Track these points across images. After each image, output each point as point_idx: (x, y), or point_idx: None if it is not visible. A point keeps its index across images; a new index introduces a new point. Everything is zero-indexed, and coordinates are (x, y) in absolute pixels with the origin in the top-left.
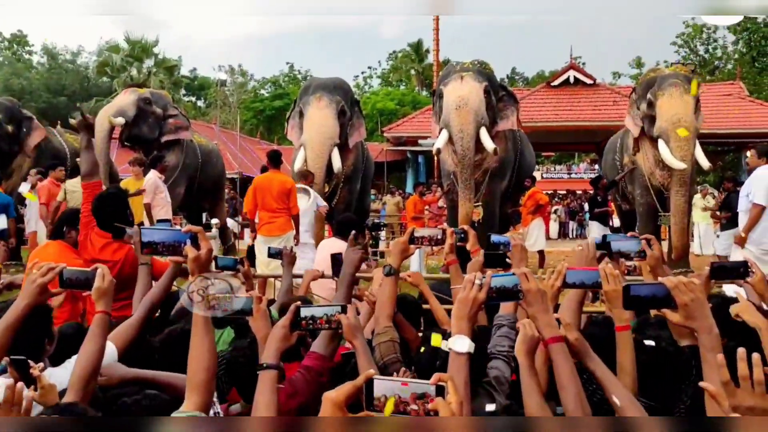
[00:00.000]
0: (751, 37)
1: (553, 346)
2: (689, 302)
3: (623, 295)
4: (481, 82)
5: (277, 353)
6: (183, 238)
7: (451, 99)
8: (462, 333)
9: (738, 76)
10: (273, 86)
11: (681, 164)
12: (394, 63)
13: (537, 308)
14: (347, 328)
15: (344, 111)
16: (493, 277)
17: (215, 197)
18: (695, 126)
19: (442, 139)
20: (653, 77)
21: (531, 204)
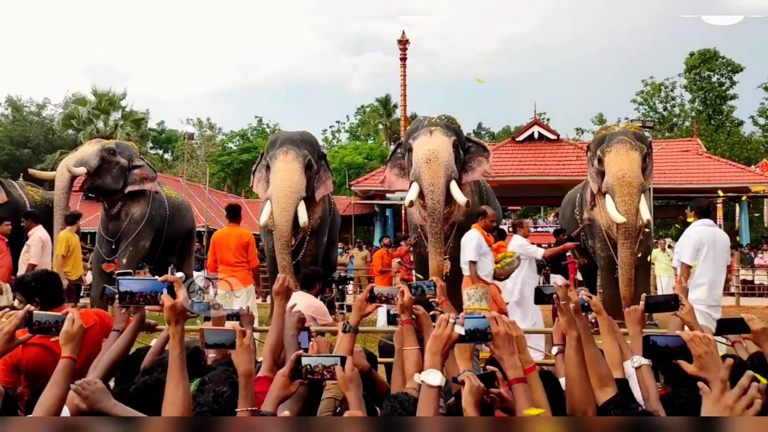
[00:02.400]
0: (707, 96)
1: (515, 386)
2: (703, 354)
3: (644, 345)
4: (450, 136)
5: (276, 402)
6: (160, 288)
7: (421, 153)
8: (435, 367)
9: (695, 133)
10: (241, 139)
11: (621, 218)
12: (363, 117)
13: (504, 351)
14: (341, 379)
15: (311, 165)
16: (467, 319)
17: (183, 251)
18: (640, 181)
19: (413, 192)
20: (604, 135)
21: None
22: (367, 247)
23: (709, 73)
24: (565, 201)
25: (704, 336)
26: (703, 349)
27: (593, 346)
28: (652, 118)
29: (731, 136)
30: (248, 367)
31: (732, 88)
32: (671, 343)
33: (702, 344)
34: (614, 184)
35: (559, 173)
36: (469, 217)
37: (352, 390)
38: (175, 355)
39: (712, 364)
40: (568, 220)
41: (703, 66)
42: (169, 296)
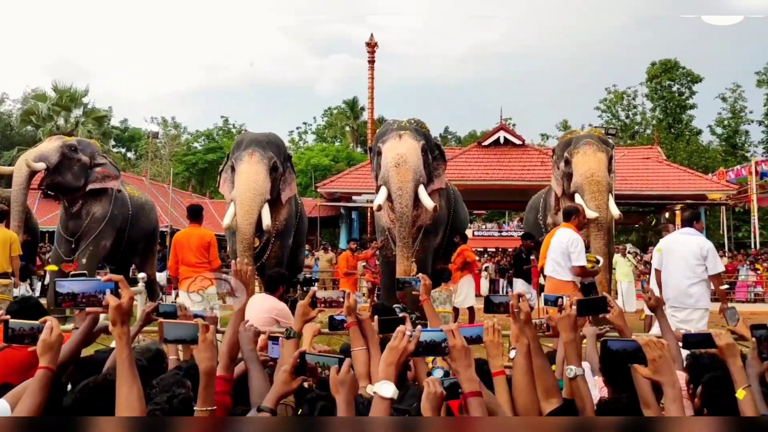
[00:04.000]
0: (667, 105)
1: (470, 399)
2: (657, 358)
3: (601, 349)
4: (419, 140)
5: (277, 397)
6: (103, 288)
7: (390, 157)
8: (388, 379)
9: (656, 141)
10: (206, 139)
11: (595, 213)
12: (330, 119)
13: (460, 363)
14: (333, 381)
15: (276, 167)
16: (423, 331)
17: (146, 251)
18: (608, 181)
19: (381, 196)
20: (570, 138)
21: (459, 261)
22: (332, 250)
23: (670, 82)
24: (529, 206)
25: (658, 341)
26: (657, 353)
27: (541, 357)
28: (615, 125)
29: (690, 145)
30: (210, 364)
31: (691, 98)
32: (627, 347)
33: (656, 348)
34: (583, 182)
35: (524, 178)
36: (436, 220)
37: (342, 393)
38: (123, 356)
39: (666, 367)
40: (532, 225)
41: (664, 76)
42: (114, 296)
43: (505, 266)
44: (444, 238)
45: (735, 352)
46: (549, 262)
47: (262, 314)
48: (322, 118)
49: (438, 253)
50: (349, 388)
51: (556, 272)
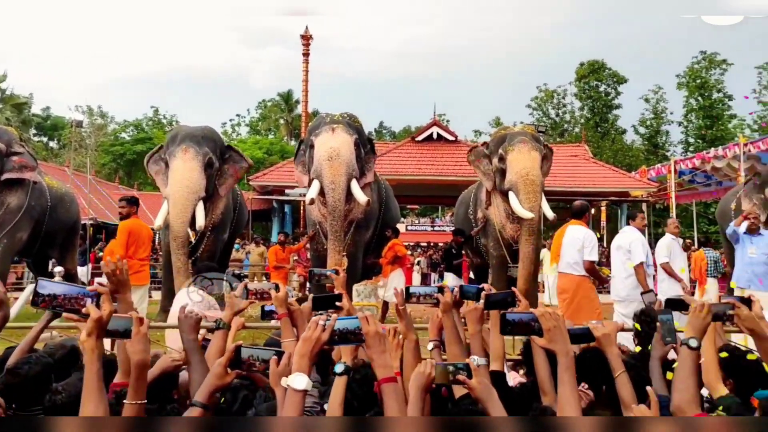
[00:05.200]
0: (595, 105)
1: (384, 386)
2: (552, 328)
3: (501, 321)
4: (352, 134)
5: (210, 391)
6: (84, 293)
7: (323, 150)
8: (302, 370)
9: (583, 139)
10: (135, 129)
11: (529, 213)
12: (263, 112)
13: (375, 350)
14: (272, 373)
15: (212, 163)
16: (338, 320)
17: (66, 244)
18: (542, 180)
19: (314, 189)
20: (504, 134)
21: (390, 255)
22: (264, 243)
23: (597, 83)
24: (459, 201)
25: (553, 312)
26: (552, 323)
27: (459, 345)
28: (545, 123)
29: (615, 143)
30: (143, 357)
31: (617, 98)
32: (525, 318)
33: (551, 319)
34: (518, 181)
35: (457, 173)
36: (368, 214)
37: (280, 387)
38: (93, 371)
39: (559, 336)
40: (462, 220)
41: (591, 76)
42: (95, 308)
43: (436, 261)
44: (375, 232)
45: (611, 341)
46: (564, 258)
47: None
48: (256, 110)
49: (369, 248)
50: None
51: (572, 268)
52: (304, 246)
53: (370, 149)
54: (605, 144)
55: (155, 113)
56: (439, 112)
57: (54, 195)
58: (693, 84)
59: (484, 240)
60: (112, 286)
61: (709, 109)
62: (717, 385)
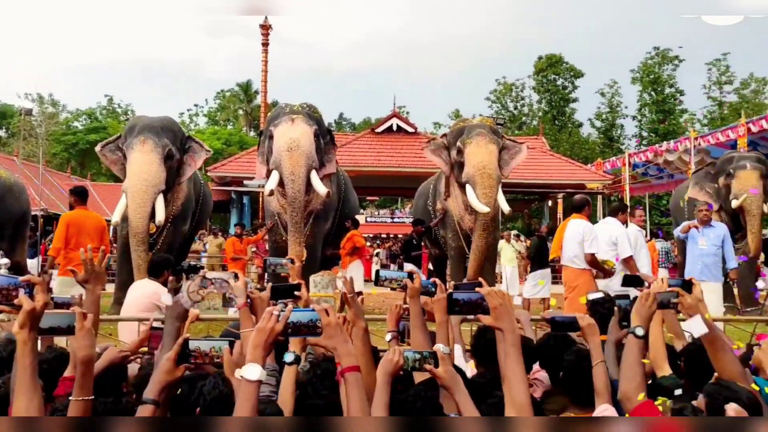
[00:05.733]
0: (552, 98)
1: (347, 375)
2: (498, 306)
3: (447, 301)
4: (312, 125)
5: (159, 387)
6: (16, 284)
7: (282, 141)
8: (256, 361)
9: (541, 132)
10: (88, 118)
11: (485, 208)
12: (222, 102)
13: (336, 340)
14: (226, 363)
15: (171, 154)
16: (293, 311)
17: (15, 236)
18: (498, 173)
19: (273, 180)
20: (462, 126)
21: (349, 246)
22: (222, 234)
23: (555, 76)
24: (419, 192)
25: (499, 291)
26: (498, 301)
27: (423, 332)
28: (504, 115)
29: (572, 137)
30: (88, 352)
31: (574, 92)
32: (473, 297)
33: (497, 297)
34: (475, 174)
35: (417, 165)
36: (327, 206)
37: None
38: (26, 364)
39: (506, 314)
40: (421, 211)
41: (549, 69)
42: (28, 299)
43: (396, 252)
44: (334, 223)
45: (594, 331)
46: (565, 252)
47: (143, 299)
48: (214, 100)
49: (328, 239)
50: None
51: (573, 262)
52: (262, 237)
53: (330, 140)
54: (562, 137)
55: (109, 102)
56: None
57: (2, 185)
58: (646, 79)
59: (442, 231)
60: (85, 275)
61: (662, 103)
62: (663, 365)
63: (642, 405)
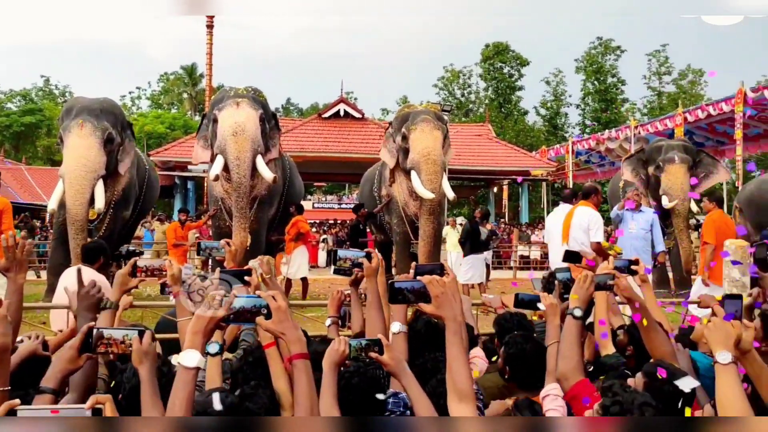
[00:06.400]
0: (499, 86)
1: (295, 362)
2: (440, 294)
3: (389, 290)
4: (257, 109)
5: (59, 376)
6: None
7: (227, 125)
8: (194, 348)
9: (487, 119)
10: (23, 100)
11: (430, 194)
12: (166, 85)
13: (284, 326)
14: (136, 353)
15: (112, 138)
16: (237, 297)
17: None
18: (443, 160)
19: (217, 165)
20: (407, 113)
21: (293, 232)
22: (167, 220)
23: (501, 64)
24: (364, 178)
25: (441, 279)
26: (439, 290)
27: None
28: (451, 102)
29: (517, 124)
30: (4, 340)
31: (520, 80)
32: (416, 286)
33: (438, 286)
34: (420, 161)
35: (364, 151)
36: (272, 191)
37: (146, 364)
38: None
39: (447, 303)
40: (367, 197)
41: (496, 57)
42: None
43: (342, 238)
44: (279, 209)
45: (555, 311)
46: (571, 240)
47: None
48: (157, 83)
49: (273, 224)
50: (153, 358)
51: (579, 248)
52: (205, 223)
53: (274, 125)
54: (508, 124)
55: (46, 83)
56: (347, 90)
57: None
58: (590, 69)
59: (387, 217)
60: (7, 263)
61: (604, 93)
62: (606, 344)
63: (578, 384)
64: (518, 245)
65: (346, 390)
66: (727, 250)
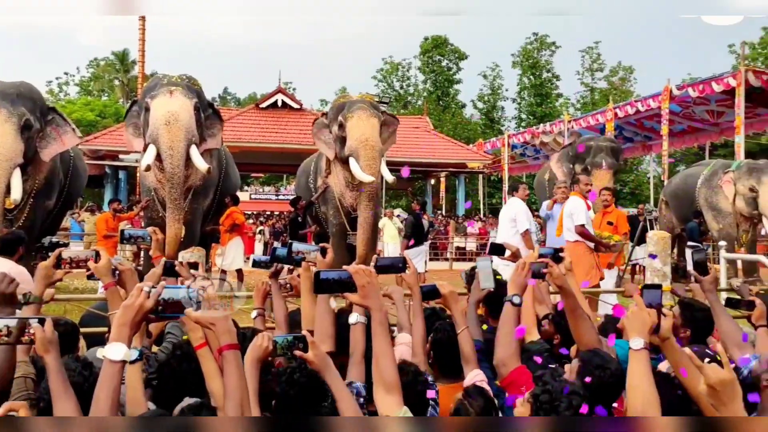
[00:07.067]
0: (437, 79)
1: (225, 353)
2: (365, 284)
3: (314, 280)
4: (191, 98)
5: None
6: None
7: (160, 114)
8: (120, 340)
9: (425, 111)
10: None
11: (370, 177)
12: (96, 71)
13: (214, 316)
14: (40, 341)
15: (30, 124)
16: (165, 288)
17: None
18: (381, 146)
19: (149, 155)
20: (343, 102)
21: (228, 223)
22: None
23: (440, 57)
24: (300, 170)
25: (367, 269)
26: (365, 280)
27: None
28: (390, 95)
29: (455, 117)
30: None
31: (458, 74)
32: (342, 276)
33: (364, 276)
34: (358, 147)
35: (302, 142)
36: (207, 182)
37: (52, 353)
38: None
39: (372, 293)
40: (303, 189)
41: (434, 51)
42: None
43: (279, 230)
44: (214, 200)
45: (456, 299)
46: (564, 228)
47: None
48: (87, 69)
49: (208, 216)
50: (56, 347)
51: (567, 235)
52: (137, 214)
53: (213, 114)
54: (446, 117)
55: None
56: (285, 80)
57: None
58: (526, 63)
59: (324, 208)
60: None
61: (540, 87)
62: (531, 330)
63: (515, 371)
64: (455, 236)
65: (289, 385)
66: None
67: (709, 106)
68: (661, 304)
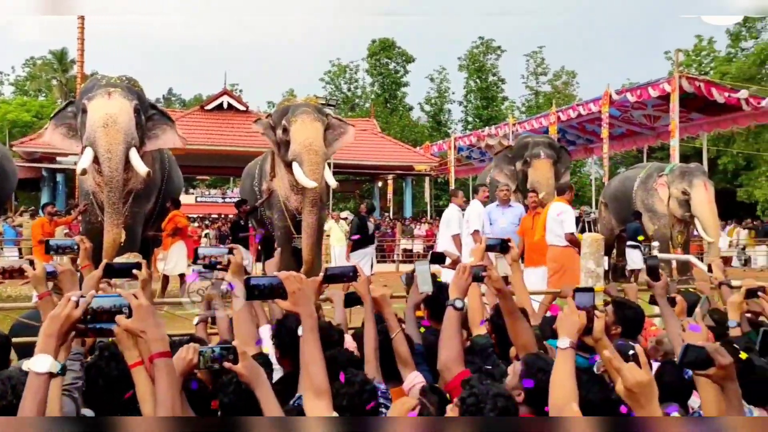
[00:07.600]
0: (384, 81)
1: (156, 361)
2: (296, 290)
3: (246, 287)
4: (131, 99)
5: None
6: None
7: (97, 116)
8: (46, 352)
9: (372, 114)
10: None
11: (312, 183)
12: (32, 70)
13: (146, 323)
14: None
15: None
16: (95, 297)
17: None
18: (324, 150)
19: (86, 158)
20: (287, 105)
21: (170, 227)
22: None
23: (387, 60)
24: (245, 173)
25: (297, 275)
26: (296, 286)
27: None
28: (337, 97)
29: (402, 120)
30: None
31: (405, 76)
32: (273, 282)
33: (295, 282)
34: (302, 151)
35: (248, 144)
36: (149, 185)
37: None
38: None
39: (303, 299)
40: (248, 192)
41: (382, 53)
42: None
43: (225, 233)
44: (157, 203)
45: (387, 303)
46: (548, 233)
47: None
48: (23, 68)
49: (150, 220)
50: None
51: (556, 240)
52: (74, 219)
53: (158, 115)
54: (393, 120)
55: None
56: (232, 82)
57: None
58: (472, 67)
59: (269, 212)
60: None
61: (486, 90)
62: (476, 328)
63: (460, 374)
64: (401, 239)
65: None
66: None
67: (646, 110)
68: (594, 305)
